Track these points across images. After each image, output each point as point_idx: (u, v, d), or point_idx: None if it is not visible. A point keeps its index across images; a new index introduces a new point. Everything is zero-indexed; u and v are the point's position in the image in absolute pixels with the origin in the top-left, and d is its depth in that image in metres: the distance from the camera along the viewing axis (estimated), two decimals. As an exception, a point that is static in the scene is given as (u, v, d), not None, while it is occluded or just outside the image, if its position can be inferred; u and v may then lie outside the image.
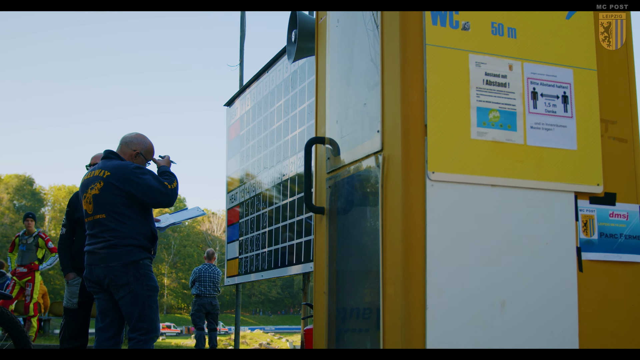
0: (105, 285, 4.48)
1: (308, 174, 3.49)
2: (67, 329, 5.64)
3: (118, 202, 4.48)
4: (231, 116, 8.17)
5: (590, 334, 2.74)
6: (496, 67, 2.79)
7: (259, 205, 6.69)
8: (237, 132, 7.78)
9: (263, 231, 6.55)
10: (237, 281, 7.38)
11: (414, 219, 2.60)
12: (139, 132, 4.90)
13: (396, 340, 2.59)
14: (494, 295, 2.61)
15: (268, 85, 6.77)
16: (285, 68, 6.12)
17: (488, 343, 2.57)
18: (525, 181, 2.74)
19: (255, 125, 7.07)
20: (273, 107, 6.46)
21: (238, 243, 7.35)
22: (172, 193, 4.60)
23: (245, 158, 7.31)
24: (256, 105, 7.13)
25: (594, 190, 2.86)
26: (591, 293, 2.78)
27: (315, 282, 3.62)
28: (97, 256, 4.50)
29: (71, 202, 5.65)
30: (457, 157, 2.66)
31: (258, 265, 6.57)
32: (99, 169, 4.62)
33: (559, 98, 2.87)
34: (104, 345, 4.60)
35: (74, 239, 5.64)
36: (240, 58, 8.46)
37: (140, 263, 4.49)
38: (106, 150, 4.83)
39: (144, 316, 4.47)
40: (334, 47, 3.57)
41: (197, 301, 11.63)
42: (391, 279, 2.67)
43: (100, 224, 4.52)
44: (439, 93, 2.69)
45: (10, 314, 3.81)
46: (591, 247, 2.83)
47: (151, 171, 4.68)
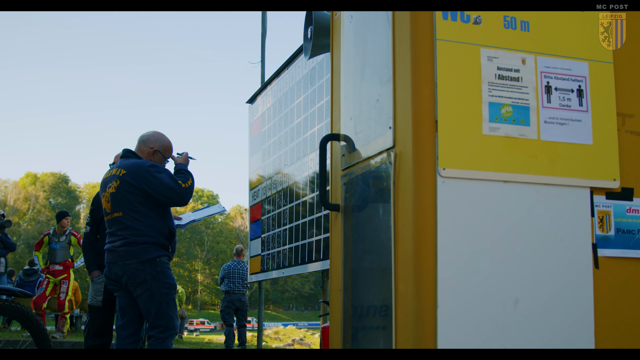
0: (124, 282, 4.53)
1: (323, 171, 3.48)
2: (92, 326, 5.71)
3: (134, 200, 4.51)
4: (253, 113, 8.19)
5: (606, 333, 2.69)
6: (509, 61, 2.75)
7: (280, 203, 6.69)
8: (259, 129, 7.80)
9: (284, 228, 6.55)
10: (260, 278, 7.40)
11: (425, 215, 2.57)
12: (156, 130, 4.93)
13: (408, 339, 2.57)
14: (507, 293, 2.58)
15: (288, 82, 6.76)
16: (305, 65, 6.11)
17: (501, 342, 2.54)
18: (539, 177, 2.70)
19: (276, 122, 7.07)
20: (293, 104, 6.46)
21: (260, 240, 7.37)
22: (186, 192, 4.60)
23: (267, 155, 7.32)
24: (277, 102, 7.13)
25: (611, 185, 2.81)
26: (607, 290, 2.73)
27: (331, 280, 3.61)
28: (115, 254, 4.55)
29: (95, 201, 5.72)
30: (468, 153, 2.62)
31: (279, 262, 6.58)
32: (116, 168, 4.67)
33: (574, 92, 2.82)
34: (123, 342, 4.64)
35: (97, 237, 5.70)
36: (261, 55, 8.47)
37: (157, 260, 4.52)
38: (124, 149, 4.88)
39: (161, 314, 4.49)
40: (348, 43, 3.56)
41: (226, 297, 11.67)
42: (403, 276, 2.65)
43: (117, 222, 4.56)
44: (450, 88, 2.65)
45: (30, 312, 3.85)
46: (607, 244, 2.77)
47: (167, 170, 4.70)
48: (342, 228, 3.46)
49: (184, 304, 17.80)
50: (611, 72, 2.90)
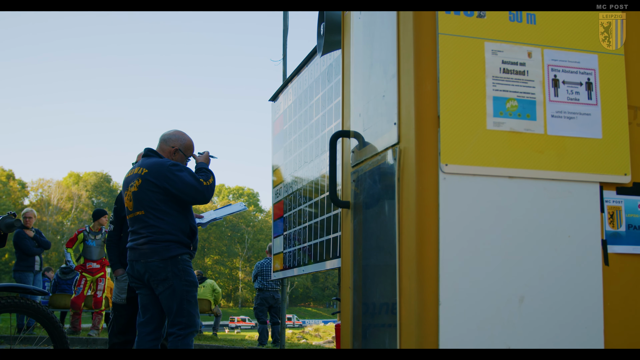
0: (146, 280, 4.57)
1: (333, 168, 3.46)
2: (116, 324, 5.77)
3: (155, 198, 4.55)
4: (276, 111, 8.19)
5: (617, 332, 2.62)
6: (514, 54, 2.70)
7: (300, 200, 6.69)
8: (281, 127, 7.80)
9: (303, 226, 6.55)
10: (281, 276, 7.41)
11: (427, 212, 2.54)
12: (177, 129, 4.96)
13: (411, 337, 2.55)
14: (512, 290, 2.53)
15: (307, 80, 6.75)
16: (322, 61, 6.10)
17: (506, 341, 2.49)
18: (545, 172, 2.64)
19: (296, 120, 7.06)
20: (312, 101, 6.44)
21: (282, 237, 7.38)
22: (207, 190, 4.63)
23: (288, 153, 7.32)
24: (297, 100, 7.13)
25: (621, 180, 2.74)
26: (618, 288, 2.66)
27: (342, 277, 3.60)
28: (138, 252, 4.60)
29: (118, 200, 5.77)
30: (472, 149, 2.58)
31: (299, 259, 6.58)
32: (138, 167, 4.71)
33: (583, 85, 2.76)
34: (144, 339, 4.68)
35: (121, 235, 5.76)
36: (283, 53, 8.46)
37: (178, 258, 4.56)
38: (146, 148, 4.92)
39: (182, 311, 4.52)
40: (357, 39, 3.53)
41: (259, 295, 11.69)
42: (407, 273, 2.62)
43: (139, 221, 4.61)
44: (453, 83, 2.61)
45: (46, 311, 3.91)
46: (618, 240, 2.70)
47: (188, 168, 4.73)
48: (352, 225, 3.44)
49: (222, 301, 17.94)
50: (622, 64, 2.82)
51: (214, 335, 13.65)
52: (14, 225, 3.55)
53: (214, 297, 13.91)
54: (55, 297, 13.37)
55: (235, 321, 46.77)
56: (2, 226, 3.56)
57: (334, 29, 4.12)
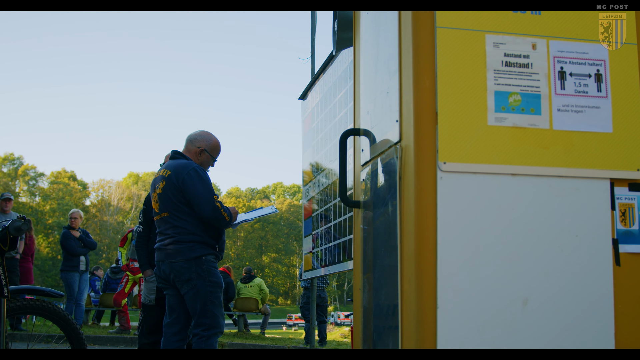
0: (171, 280, 4.59)
1: (343, 167, 3.40)
2: (145, 324, 5.80)
3: (177, 200, 4.56)
4: (305, 109, 8.16)
5: (628, 335, 2.49)
6: (517, 46, 2.59)
7: (326, 199, 6.63)
8: (310, 125, 7.76)
9: (329, 225, 6.50)
10: (310, 276, 7.37)
11: (425, 212, 2.46)
12: (204, 130, 4.95)
13: (411, 341, 2.47)
14: (514, 292, 2.42)
15: (332, 77, 6.69)
16: (345, 59, 6.03)
17: (508, 345, 2.39)
18: (551, 169, 2.53)
19: (323, 118, 7.01)
20: (335, 99, 6.38)
21: (311, 237, 7.34)
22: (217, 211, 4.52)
23: (316, 151, 7.28)
24: (323, 98, 7.07)
25: (634, 176, 2.60)
26: (630, 289, 2.53)
27: (354, 278, 3.53)
28: (163, 252, 4.62)
29: (147, 201, 5.81)
30: (472, 146, 2.48)
31: (326, 259, 6.53)
32: (164, 169, 4.73)
33: (592, 77, 2.63)
34: (170, 340, 4.70)
35: (150, 236, 5.79)
36: (311, 50, 8.41)
37: (203, 259, 4.55)
38: (173, 150, 4.93)
39: (206, 312, 4.52)
40: (365, 36, 3.46)
41: (306, 294, 11.64)
42: (407, 275, 2.55)
43: (165, 222, 4.63)
44: (452, 78, 2.52)
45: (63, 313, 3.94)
46: (630, 239, 2.57)
47: (210, 182, 4.66)
48: (362, 226, 3.37)
49: (280, 299, 18.00)
50: (634, 53, 2.69)
51: (261, 334, 13.70)
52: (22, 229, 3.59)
53: (261, 297, 13.95)
54: (106, 296, 13.62)
55: (293, 319, 46.78)
56: (12, 229, 3.61)
57: (346, 26, 4.06)
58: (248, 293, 13.77)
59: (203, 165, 4.83)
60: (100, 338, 10.43)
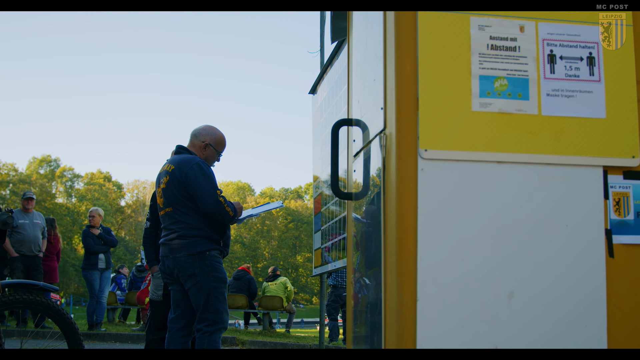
0: (175, 275, 4.54)
1: (335, 158, 3.31)
2: (153, 320, 5.76)
3: (180, 195, 4.51)
4: (315, 104, 8.07)
5: (621, 330, 2.37)
6: (504, 29, 2.47)
7: (332, 195, 6.55)
8: (319, 119, 7.68)
9: (336, 219, 6.41)
10: (319, 271, 7.29)
11: (406, 202, 2.36)
12: (208, 124, 4.89)
13: (392, 337, 2.37)
14: (500, 285, 2.31)
15: (337, 70, 6.60)
16: (350, 51, 5.92)
17: (493, 340, 2.28)
18: (539, 156, 2.41)
19: (330, 111, 6.92)
20: (341, 92, 6.29)
21: (321, 233, 7.26)
22: (220, 205, 4.45)
23: (324, 145, 7.19)
24: (330, 92, 6.98)
25: (629, 163, 2.47)
26: (624, 282, 2.40)
27: (347, 273, 3.44)
28: (168, 247, 4.58)
29: (153, 197, 5.77)
30: (454, 132, 2.37)
31: (334, 254, 6.45)
32: (168, 164, 4.68)
33: (583, 60, 2.51)
34: (174, 336, 4.65)
35: (158, 232, 5.76)
36: (320, 44, 8.31)
37: (206, 254, 4.49)
38: (177, 145, 4.88)
39: (209, 307, 4.46)
40: (357, 25, 3.38)
41: (333, 292, 11.44)
42: (389, 268, 2.45)
43: (169, 217, 4.58)
44: (434, 63, 2.41)
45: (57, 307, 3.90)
46: (625, 229, 2.44)
47: (213, 176, 4.60)
48: (353, 217, 3.29)
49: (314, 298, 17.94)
50: (631, 35, 2.56)
51: (286, 332, 13.66)
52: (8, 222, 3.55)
53: (286, 295, 13.92)
54: (131, 294, 13.68)
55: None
56: None
57: (340, 15, 3.98)
58: (273, 291, 13.75)
59: (208, 160, 4.77)
60: (122, 335, 10.44)
